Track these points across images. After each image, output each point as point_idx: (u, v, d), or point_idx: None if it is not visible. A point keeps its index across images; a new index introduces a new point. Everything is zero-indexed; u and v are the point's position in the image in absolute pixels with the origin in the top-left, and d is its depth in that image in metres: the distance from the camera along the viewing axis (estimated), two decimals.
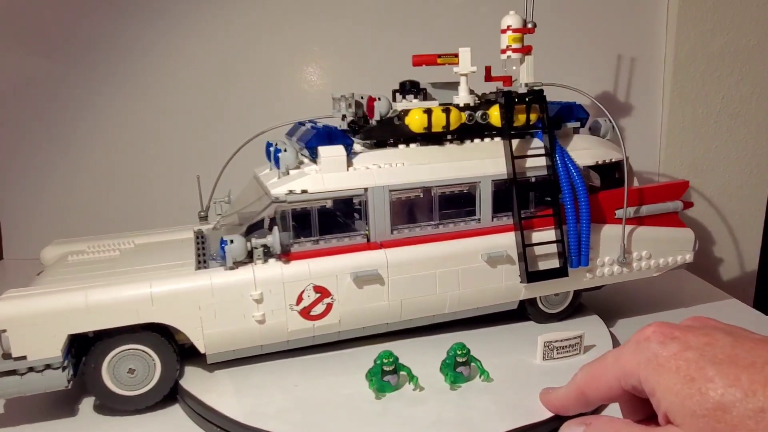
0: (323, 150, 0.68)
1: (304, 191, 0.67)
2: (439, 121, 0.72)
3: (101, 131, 1.18)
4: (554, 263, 0.74)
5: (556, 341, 0.69)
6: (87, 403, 0.65)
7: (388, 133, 0.73)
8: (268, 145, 0.77)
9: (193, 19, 1.13)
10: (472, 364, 0.64)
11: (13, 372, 0.58)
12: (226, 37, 1.14)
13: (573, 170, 0.74)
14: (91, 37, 1.13)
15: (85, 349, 0.62)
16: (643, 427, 0.43)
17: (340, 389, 0.63)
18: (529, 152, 0.75)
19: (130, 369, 0.62)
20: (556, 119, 0.80)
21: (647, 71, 1.10)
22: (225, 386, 0.64)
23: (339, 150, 0.69)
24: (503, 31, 0.76)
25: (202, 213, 0.85)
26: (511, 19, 0.75)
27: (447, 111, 0.72)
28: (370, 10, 1.12)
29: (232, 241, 0.63)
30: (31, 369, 0.58)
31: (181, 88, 1.16)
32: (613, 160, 0.79)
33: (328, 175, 0.68)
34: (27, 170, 1.20)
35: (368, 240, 0.70)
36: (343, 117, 0.76)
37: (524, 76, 0.77)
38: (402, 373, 0.62)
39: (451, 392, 0.62)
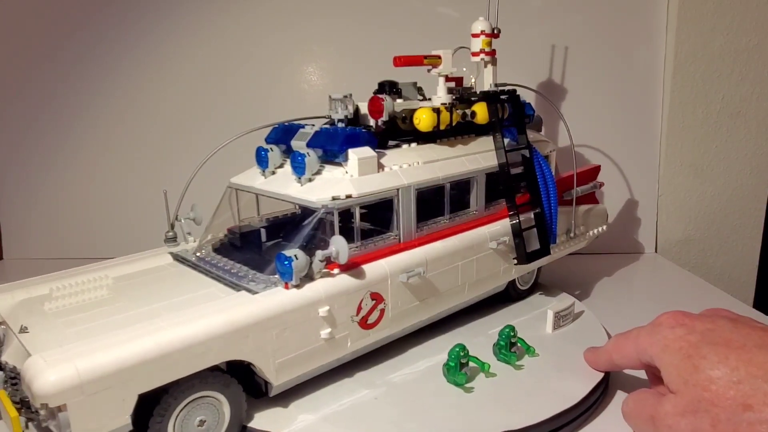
0: (356, 152, 0.66)
1: (348, 196, 0.63)
2: (445, 120, 0.75)
3: (101, 131, 1.17)
4: (536, 244, 0.83)
5: (561, 311, 0.78)
6: None
7: (395, 132, 0.73)
8: (260, 150, 0.71)
9: (193, 19, 1.13)
10: (472, 363, 0.67)
11: None
12: (225, 38, 1.13)
13: (541, 160, 0.84)
14: (91, 37, 1.13)
15: (144, 409, 0.50)
16: (653, 392, 0.53)
17: (420, 388, 0.62)
18: (509, 146, 0.82)
19: (200, 421, 0.52)
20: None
21: (647, 71, 1.09)
22: (302, 418, 0.58)
23: (369, 151, 0.67)
24: (476, 36, 0.81)
25: (170, 233, 0.73)
26: (483, 25, 0.81)
27: (450, 111, 0.75)
28: (371, 10, 1.10)
29: (296, 257, 0.57)
30: None
31: (181, 88, 1.15)
32: (551, 151, 0.91)
33: (364, 177, 0.66)
34: (27, 170, 1.19)
35: (399, 240, 0.69)
36: (346, 117, 0.73)
37: (489, 78, 0.84)
38: (472, 364, 0.64)
39: (513, 370, 0.66)
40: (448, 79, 0.85)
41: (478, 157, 0.78)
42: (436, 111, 0.74)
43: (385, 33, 1.11)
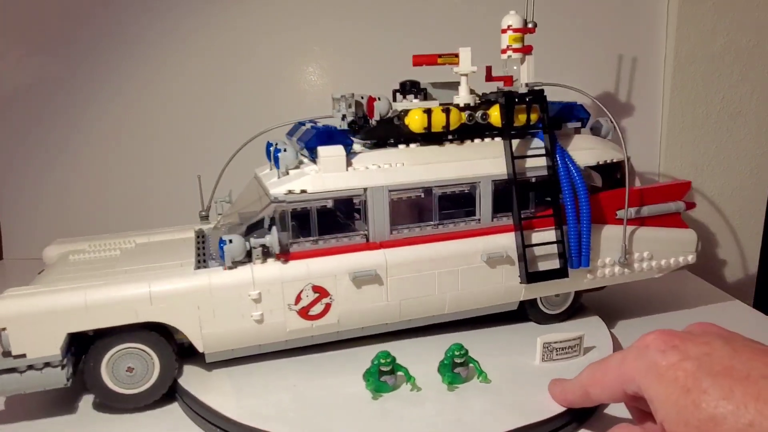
0: (323, 150, 0.68)
1: (303, 191, 0.67)
2: (439, 121, 0.72)
3: (101, 131, 1.18)
4: (554, 264, 0.74)
5: (556, 342, 0.68)
6: (86, 401, 0.65)
7: (388, 133, 0.73)
8: (268, 145, 0.77)
9: (193, 19, 1.13)
10: (471, 365, 0.64)
11: (12, 370, 0.58)
12: (226, 38, 1.14)
13: (573, 170, 0.74)
14: (91, 38, 1.14)
15: (84, 347, 0.62)
16: (639, 430, 0.45)
17: (338, 389, 0.63)
18: (530, 152, 0.74)
19: (128, 367, 0.62)
20: (557, 119, 0.79)
21: (647, 71, 1.10)
22: (224, 386, 0.64)
23: (338, 150, 0.69)
24: (503, 31, 0.75)
25: (203, 213, 0.86)
26: (512, 19, 0.74)
27: (447, 111, 0.72)
28: (371, 10, 1.13)
29: (230, 241, 0.63)
30: (30, 367, 0.59)
31: (181, 88, 1.16)
32: (614, 161, 0.79)
33: (328, 175, 0.68)
34: (27, 170, 1.20)
35: (368, 240, 0.70)
36: (343, 117, 0.76)
37: (525, 76, 0.77)
38: (399, 373, 0.62)
39: (448, 393, 0.62)
40: (494, 78, 0.81)
41: (486, 162, 0.73)
42: (427, 112, 0.71)
43: (386, 33, 1.11)
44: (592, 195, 0.76)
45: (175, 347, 0.64)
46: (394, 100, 0.78)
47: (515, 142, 0.74)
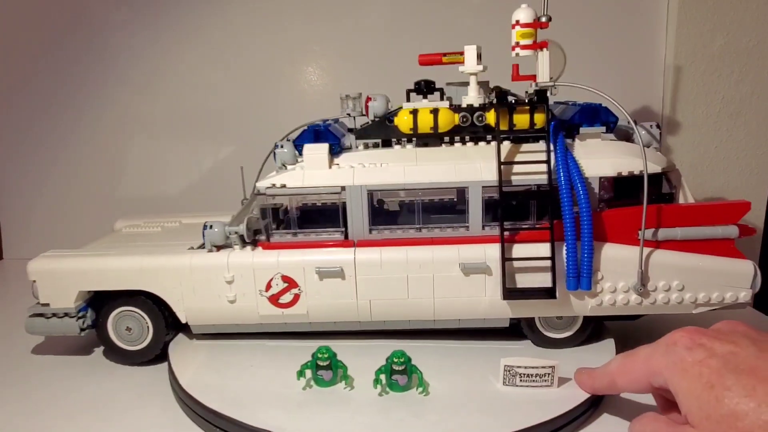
0: (307, 148, 0.71)
1: (283, 186, 0.70)
2: (426, 122, 0.70)
3: (100, 131, 1.20)
4: (545, 282, 0.67)
5: (520, 367, 0.62)
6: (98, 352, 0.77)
7: (381, 133, 0.73)
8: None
9: (193, 19, 1.14)
10: (414, 374, 0.62)
11: (41, 315, 0.72)
12: (225, 37, 1.14)
13: (577, 180, 0.66)
14: (92, 38, 1.15)
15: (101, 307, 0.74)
16: (666, 420, 0.48)
17: (280, 377, 0.65)
18: (526, 158, 0.68)
19: (128, 327, 0.73)
20: (575, 123, 0.71)
21: (647, 71, 1.08)
22: (196, 356, 0.71)
23: (322, 148, 0.71)
24: (513, 27, 0.70)
25: (244, 200, 0.94)
26: (521, 14, 0.69)
27: (435, 112, 0.70)
28: (371, 10, 1.11)
29: (211, 227, 0.70)
30: (54, 315, 0.72)
31: (180, 88, 1.17)
32: (637, 172, 0.68)
33: (310, 172, 0.71)
34: (26, 170, 1.21)
35: (346, 238, 0.71)
36: (348, 116, 0.78)
37: (539, 75, 0.70)
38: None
39: (382, 399, 0.61)
40: (521, 77, 0.76)
41: (477, 166, 0.69)
42: (413, 112, 0.70)
43: (394, 32, 1.09)
44: (611, 210, 0.67)
45: (168, 316, 0.73)
46: (408, 99, 0.77)
47: (511, 146, 0.69)
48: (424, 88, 0.75)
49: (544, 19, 0.69)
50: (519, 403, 0.59)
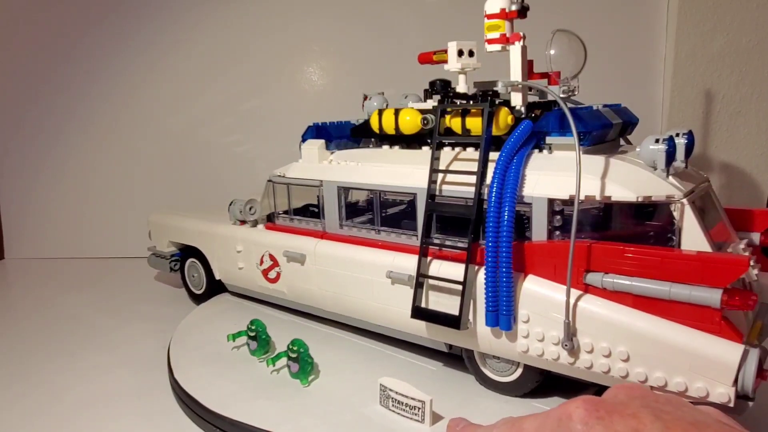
0: (305, 143, 0.78)
1: (282, 175, 0.79)
2: (389, 123, 0.68)
3: (100, 131, 1.22)
4: (453, 308, 0.59)
5: (392, 391, 0.58)
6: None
7: (367, 133, 0.74)
8: None
9: (193, 19, 1.16)
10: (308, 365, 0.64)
11: (154, 255, 0.99)
12: (226, 37, 1.15)
13: (507, 201, 0.56)
14: (92, 38, 1.18)
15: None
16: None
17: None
18: (465, 167, 0.60)
19: (192, 275, 0.94)
20: (540, 132, 0.59)
21: (647, 71, 1.08)
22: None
23: (316, 143, 0.77)
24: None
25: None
26: (488, 4, 0.60)
27: (396, 113, 0.67)
28: (371, 10, 1.06)
29: (233, 203, 0.84)
30: (159, 255, 0.98)
31: (180, 88, 1.19)
32: (620, 198, 0.52)
33: (305, 165, 0.78)
34: (27, 170, 1.23)
35: (323, 229, 0.76)
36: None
37: (512, 74, 0.61)
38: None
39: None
40: (535, 75, 0.67)
41: (425, 173, 0.65)
42: (395, 113, 0.69)
43: (388, 33, 1.07)
44: (552, 241, 0.55)
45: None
46: (424, 100, 0.76)
47: (467, 153, 0.62)
48: (439, 87, 0.73)
49: (514, 8, 0.59)
50: (379, 430, 0.56)
